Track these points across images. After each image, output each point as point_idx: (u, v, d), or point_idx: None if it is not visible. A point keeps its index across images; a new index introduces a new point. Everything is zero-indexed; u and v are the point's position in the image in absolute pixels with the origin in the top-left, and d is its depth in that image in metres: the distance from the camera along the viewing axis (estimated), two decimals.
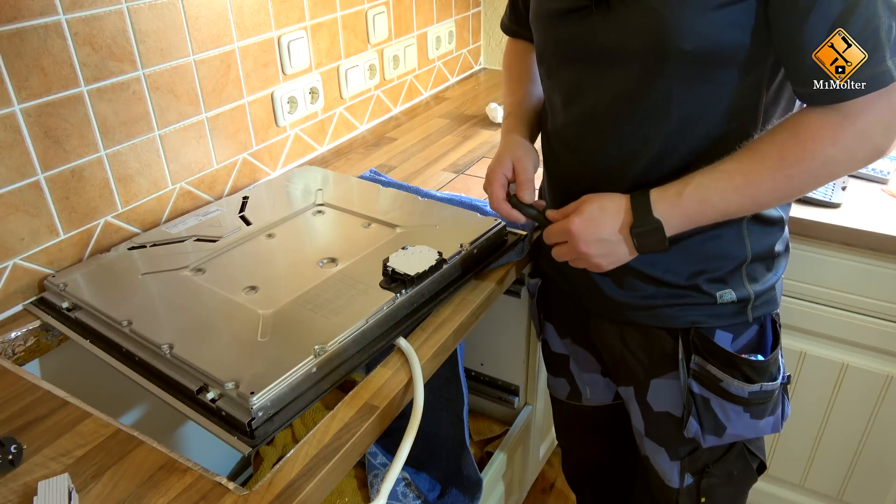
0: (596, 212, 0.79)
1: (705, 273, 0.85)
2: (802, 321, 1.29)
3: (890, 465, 1.35)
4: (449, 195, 1.25)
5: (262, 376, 0.76)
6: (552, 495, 1.73)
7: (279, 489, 0.68)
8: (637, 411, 0.99)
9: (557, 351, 1.12)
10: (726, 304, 0.86)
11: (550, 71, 0.89)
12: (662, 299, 0.88)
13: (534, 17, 0.88)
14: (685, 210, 0.76)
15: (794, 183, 0.73)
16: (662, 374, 0.93)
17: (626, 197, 0.79)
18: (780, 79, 0.76)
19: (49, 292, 1.00)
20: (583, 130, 0.85)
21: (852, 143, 0.70)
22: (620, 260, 0.82)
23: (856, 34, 0.65)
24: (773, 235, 0.87)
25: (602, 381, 1.10)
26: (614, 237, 0.79)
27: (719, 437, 0.91)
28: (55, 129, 0.98)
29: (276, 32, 1.32)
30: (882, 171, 1.29)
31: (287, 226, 1.14)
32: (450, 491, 1.18)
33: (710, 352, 0.87)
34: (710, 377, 0.88)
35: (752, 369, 0.86)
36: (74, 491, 0.67)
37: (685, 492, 0.99)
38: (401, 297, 0.91)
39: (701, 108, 0.76)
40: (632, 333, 0.94)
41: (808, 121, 0.71)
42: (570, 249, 0.82)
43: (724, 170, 0.75)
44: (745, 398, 0.87)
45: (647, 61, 0.75)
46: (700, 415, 0.90)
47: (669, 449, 0.98)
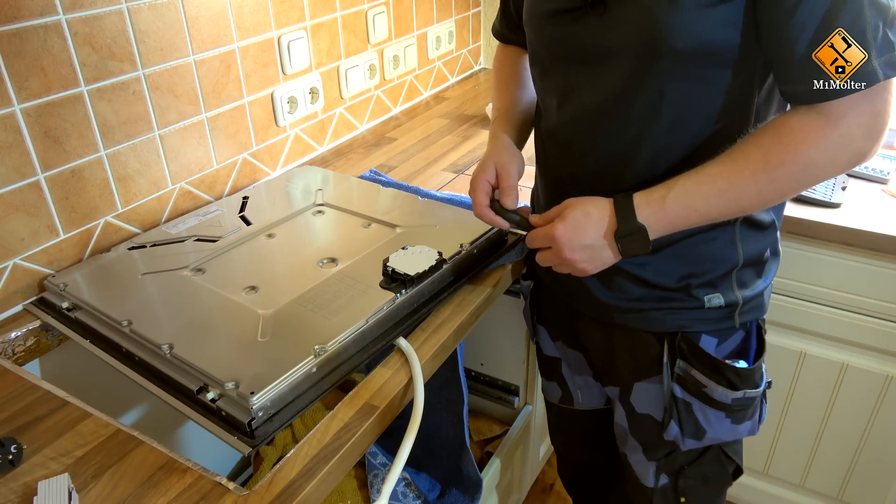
0: (580, 217, 0.79)
1: (695, 276, 0.85)
2: (802, 321, 1.29)
3: (890, 465, 1.35)
4: (449, 195, 1.25)
5: (262, 376, 0.76)
6: (552, 495, 1.73)
7: (279, 489, 0.68)
8: (621, 410, 0.99)
9: (549, 354, 1.12)
10: (714, 309, 0.86)
11: (544, 72, 0.88)
12: (650, 302, 0.88)
13: (528, 17, 0.88)
14: (668, 215, 0.76)
15: (776, 186, 0.73)
16: (646, 378, 0.93)
17: (610, 201, 0.79)
18: (772, 78, 0.76)
19: (49, 292, 1.00)
20: (576, 130, 0.85)
21: (835, 147, 0.69)
22: (605, 264, 0.81)
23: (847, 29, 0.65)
24: (765, 240, 0.87)
25: (594, 385, 1.10)
26: (598, 242, 0.79)
27: (699, 441, 0.91)
28: (55, 129, 0.98)
29: (276, 32, 1.32)
30: (882, 171, 1.29)
31: (287, 226, 1.14)
32: (450, 491, 1.18)
33: (695, 357, 0.87)
34: (693, 382, 0.88)
35: (737, 376, 0.86)
36: (74, 491, 0.67)
37: (659, 491, 0.99)
38: (401, 297, 0.91)
39: (693, 107, 0.76)
40: (619, 336, 0.94)
41: (791, 124, 0.71)
42: (554, 255, 0.82)
43: (707, 173, 0.74)
44: (727, 404, 0.87)
45: (639, 60, 0.75)
46: (681, 419, 0.90)
47: (648, 449, 0.98)
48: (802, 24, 0.66)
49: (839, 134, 0.69)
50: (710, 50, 0.72)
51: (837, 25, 0.65)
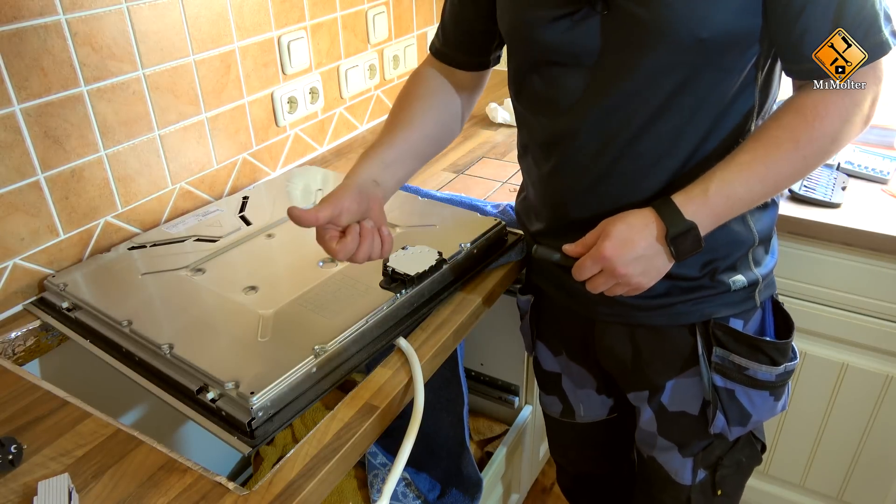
0: (624, 230, 0.76)
1: (717, 261, 0.85)
2: (802, 321, 1.29)
3: (890, 465, 1.35)
4: (449, 195, 1.25)
5: (262, 376, 0.76)
6: (552, 496, 1.73)
7: (279, 489, 0.68)
8: (649, 414, 0.97)
9: (549, 369, 1.10)
10: (738, 291, 0.86)
11: (532, 84, 0.85)
12: (676, 295, 0.87)
13: (510, 28, 0.84)
14: (714, 207, 0.75)
15: (808, 162, 0.75)
16: (679, 374, 0.91)
17: (649, 208, 0.77)
18: (771, 59, 0.78)
19: (49, 292, 1.00)
20: (581, 137, 0.82)
21: (851, 116, 0.73)
22: (660, 273, 0.79)
23: (852, 17, 0.68)
24: (771, 215, 0.88)
25: (597, 398, 1.09)
26: (651, 250, 0.76)
27: (744, 427, 0.91)
28: (55, 129, 0.98)
29: (276, 32, 1.32)
30: (882, 171, 1.29)
31: (287, 226, 1.14)
32: (450, 491, 1.19)
33: (734, 340, 0.87)
34: (733, 367, 0.87)
35: (777, 351, 0.87)
36: (74, 491, 0.67)
37: (697, 487, 0.98)
38: (401, 297, 0.91)
39: (711, 96, 0.76)
40: (644, 335, 0.92)
41: (812, 101, 0.74)
42: (607, 276, 0.77)
43: (741, 161, 0.75)
44: (771, 382, 0.88)
45: (662, 54, 0.74)
46: (725, 408, 0.89)
47: (683, 447, 0.96)
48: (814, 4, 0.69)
49: (853, 103, 0.73)
50: (731, 37, 0.72)
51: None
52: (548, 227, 0.92)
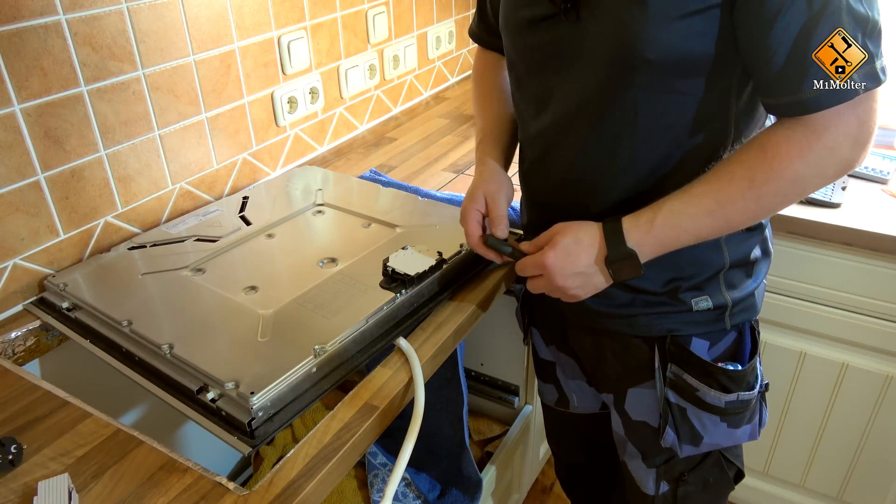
0: (571, 245, 0.78)
1: (681, 280, 0.84)
2: (802, 321, 1.29)
3: (890, 465, 1.35)
4: (449, 195, 1.25)
5: (262, 376, 0.76)
6: (552, 496, 1.73)
7: (279, 489, 0.68)
8: (617, 417, 0.98)
9: (544, 357, 1.11)
10: (702, 312, 0.86)
11: (520, 80, 0.87)
12: (638, 307, 0.87)
13: (504, 24, 0.87)
14: (658, 238, 0.75)
15: (764, 203, 0.72)
16: (639, 384, 0.92)
17: (599, 226, 0.78)
18: (750, 88, 0.76)
19: (49, 292, 1.00)
20: (552, 140, 0.84)
21: (821, 159, 0.69)
22: (597, 288, 0.81)
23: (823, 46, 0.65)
24: (752, 241, 0.86)
25: (589, 390, 1.09)
26: (590, 269, 0.78)
27: (696, 447, 0.90)
28: (55, 129, 0.98)
29: (276, 32, 1.32)
30: (882, 171, 1.29)
31: (287, 226, 1.14)
32: (450, 491, 1.19)
33: (685, 361, 0.86)
34: (686, 386, 0.87)
35: (729, 379, 0.85)
36: (74, 491, 0.67)
37: (660, 499, 0.99)
38: (401, 297, 0.91)
39: (667, 118, 0.75)
40: (608, 342, 0.93)
41: (776, 139, 0.70)
42: (546, 282, 0.81)
43: (694, 193, 0.74)
44: (721, 408, 0.86)
45: (612, 70, 0.74)
46: (677, 424, 0.89)
47: (646, 457, 0.97)
48: (781, 34, 0.66)
49: (824, 146, 0.68)
50: (683, 61, 0.71)
51: (811, 38, 0.64)
52: (529, 223, 0.95)
